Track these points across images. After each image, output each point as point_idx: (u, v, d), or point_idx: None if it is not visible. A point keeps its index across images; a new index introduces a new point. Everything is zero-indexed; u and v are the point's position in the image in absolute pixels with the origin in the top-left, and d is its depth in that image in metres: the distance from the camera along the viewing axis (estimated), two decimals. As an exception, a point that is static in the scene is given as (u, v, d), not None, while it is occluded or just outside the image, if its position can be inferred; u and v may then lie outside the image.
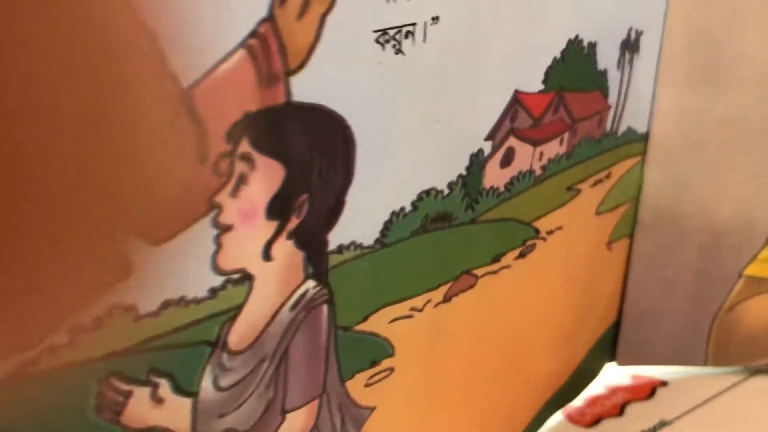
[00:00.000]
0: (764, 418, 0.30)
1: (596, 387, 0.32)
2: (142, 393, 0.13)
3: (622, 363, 0.32)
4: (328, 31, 0.14)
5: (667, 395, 0.32)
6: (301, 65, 0.14)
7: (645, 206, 0.30)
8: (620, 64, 0.24)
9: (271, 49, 0.13)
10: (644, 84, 0.27)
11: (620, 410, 0.31)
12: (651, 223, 0.30)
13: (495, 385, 0.25)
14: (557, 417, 0.30)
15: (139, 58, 0.11)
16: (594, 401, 0.32)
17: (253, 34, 0.13)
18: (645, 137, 0.28)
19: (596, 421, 0.30)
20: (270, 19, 0.13)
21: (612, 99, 0.25)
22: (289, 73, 0.14)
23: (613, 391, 0.32)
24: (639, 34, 0.25)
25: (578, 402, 0.31)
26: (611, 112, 0.25)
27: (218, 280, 0.14)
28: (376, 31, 0.15)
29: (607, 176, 0.27)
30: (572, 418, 0.31)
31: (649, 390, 0.32)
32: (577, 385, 0.31)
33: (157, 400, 0.14)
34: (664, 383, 0.32)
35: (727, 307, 0.31)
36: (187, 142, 0.12)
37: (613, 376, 0.32)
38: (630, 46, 0.25)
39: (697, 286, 0.31)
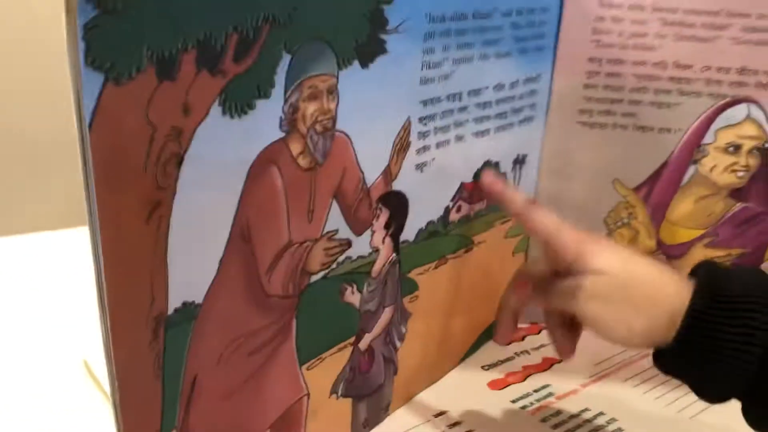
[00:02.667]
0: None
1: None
2: (348, 288, 0.39)
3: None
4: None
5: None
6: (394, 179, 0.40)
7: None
8: (513, 170, 0.51)
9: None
10: (530, 177, 0.54)
11: (522, 338, 0.57)
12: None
13: (459, 319, 0.51)
14: (490, 345, 0.56)
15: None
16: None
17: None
18: (526, 201, 0.55)
19: (508, 343, 0.57)
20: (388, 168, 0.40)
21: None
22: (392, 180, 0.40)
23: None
24: (524, 155, 0.52)
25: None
26: (506, 190, 0.52)
27: (369, 250, 0.40)
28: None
29: (509, 221, 0.53)
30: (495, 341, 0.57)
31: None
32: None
33: (351, 292, 0.40)
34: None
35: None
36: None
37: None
38: (518, 161, 0.52)
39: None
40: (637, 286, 0.38)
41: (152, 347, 0.30)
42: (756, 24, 0.48)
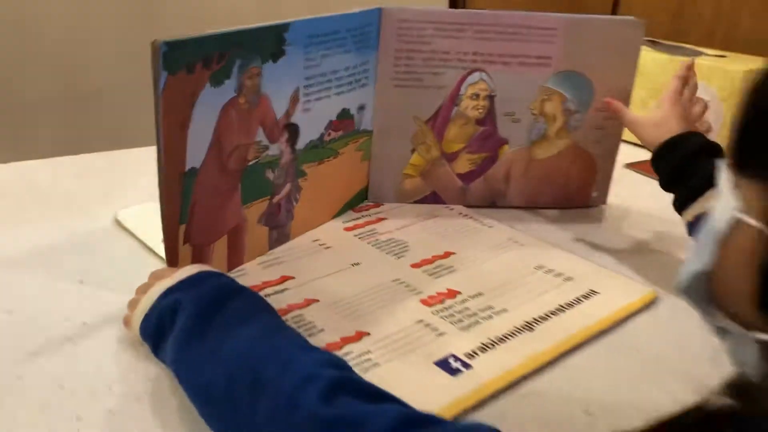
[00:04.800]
0: (409, 216, 0.97)
1: (362, 204, 0.98)
2: (268, 170, 0.78)
3: (370, 200, 0.99)
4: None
5: (384, 209, 0.98)
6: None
7: (373, 150, 0.96)
8: (358, 113, 0.90)
9: (288, 114, 0.78)
10: (368, 117, 0.93)
11: (368, 209, 0.97)
12: (377, 155, 0.97)
13: (330, 194, 0.91)
14: (349, 212, 0.96)
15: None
16: (360, 207, 0.98)
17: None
18: (371, 131, 0.94)
19: (359, 211, 0.97)
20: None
21: (356, 121, 0.90)
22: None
23: (367, 206, 0.98)
24: (364, 104, 0.91)
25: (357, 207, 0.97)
26: (356, 123, 0.91)
27: (278, 152, 0.78)
28: (303, 110, 0.80)
29: (358, 141, 0.92)
30: (354, 211, 0.96)
31: (379, 206, 0.98)
32: (357, 202, 0.97)
33: (270, 173, 0.78)
34: (382, 204, 0.99)
35: (402, 179, 0.98)
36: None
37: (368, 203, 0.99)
38: (361, 107, 0.91)
39: (396, 175, 0.98)
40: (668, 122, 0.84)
41: (179, 186, 0.68)
42: (482, 29, 0.88)
